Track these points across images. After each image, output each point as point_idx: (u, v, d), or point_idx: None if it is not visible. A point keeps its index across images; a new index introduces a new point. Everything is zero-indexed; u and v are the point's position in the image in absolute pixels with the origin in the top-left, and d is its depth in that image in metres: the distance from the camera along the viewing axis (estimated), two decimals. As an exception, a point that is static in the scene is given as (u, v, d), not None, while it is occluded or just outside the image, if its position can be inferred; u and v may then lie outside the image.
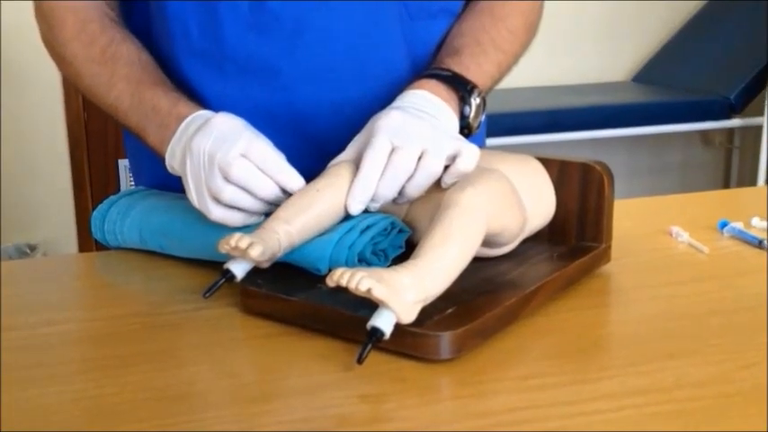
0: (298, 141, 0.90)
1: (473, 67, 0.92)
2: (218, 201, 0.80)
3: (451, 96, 0.88)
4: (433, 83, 0.88)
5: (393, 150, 0.78)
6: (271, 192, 0.80)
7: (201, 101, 0.91)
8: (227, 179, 0.79)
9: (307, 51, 0.93)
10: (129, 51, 0.94)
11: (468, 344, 0.66)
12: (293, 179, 0.80)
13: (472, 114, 0.88)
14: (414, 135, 0.78)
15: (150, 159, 0.92)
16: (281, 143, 0.83)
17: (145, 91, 0.90)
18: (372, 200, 0.78)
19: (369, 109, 0.86)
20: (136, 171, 1.10)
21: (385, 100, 0.87)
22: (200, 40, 0.93)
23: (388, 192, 0.78)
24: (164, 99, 0.89)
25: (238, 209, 0.81)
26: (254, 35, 0.92)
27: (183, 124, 0.85)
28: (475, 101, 0.88)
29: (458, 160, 0.77)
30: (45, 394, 0.62)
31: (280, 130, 0.87)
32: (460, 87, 0.89)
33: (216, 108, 0.88)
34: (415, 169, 0.77)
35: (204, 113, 0.87)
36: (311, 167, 0.82)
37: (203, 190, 0.80)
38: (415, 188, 0.78)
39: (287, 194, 0.80)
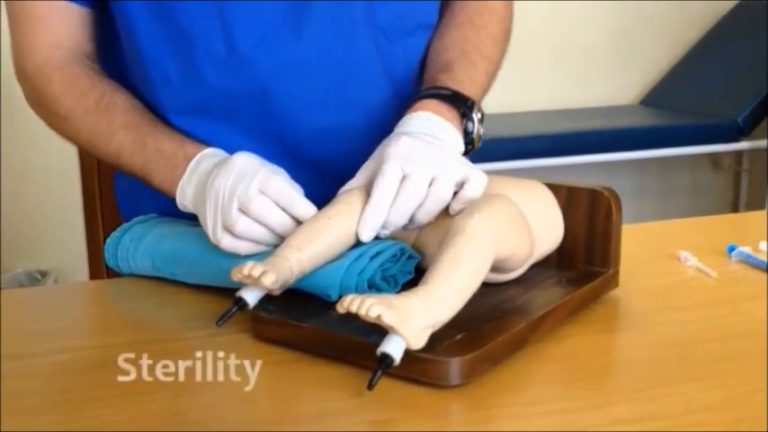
0: (291, 167, 0.91)
1: (467, 82, 0.93)
2: (230, 232, 0.81)
3: (454, 115, 0.89)
4: (434, 103, 0.89)
5: (404, 177, 0.78)
6: (286, 225, 0.81)
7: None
8: (244, 213, 0.80)
9: (286, 84, 0.94)
10: (122, 100, 0.95)
11: (477, 369, 0.66)
12: (305, 208, 0.81)
13: (475, 130, 0.90)
14: (423, 162, 0.79)
15: (151, 194, 0.93)
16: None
17: (146, 135, 0.92)
18: (383, 227, 0.79)
19: (355, 133, 0.87)
20: (133, 206, 1.07)
21: (369, 124, 0.87)
22: (180, 85, 0.94)
23: (399, 219, 0.79)
24: (167, 142, 0.90)
25: (248, 239, 0.82)
26: (232, 76, 0.93)
27: (193, 163, 0.87)
28: (476, 116, 0.90)
29: (466, 186, 0.78)
30: (60, 422, 0.63)
31: (276, 160, 0.88)
32: (461, 104, 0.90)
33: (211, 145, 0.90)
34: (425, 196, 0.78)
35: (212, 151, 0.88)
36: (308, 193, 0.83)
37: (218, 224, 0.82)
38: (426, 215, 0.79)
39: (299, 224, 0.81)
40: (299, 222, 0.81)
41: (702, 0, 3.36)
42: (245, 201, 0.80)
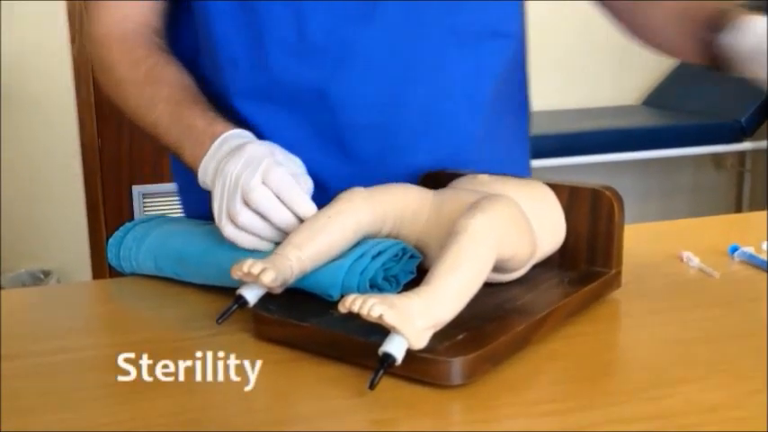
0: (345, 163, 0.91)
1: None
2: (234, 222, 0.82)
3: None
4: None
5: None
6: (286, 220, 0.81)
7: (251, 128, 0.93)
8: (246, 204, 0.80)
9: (351, 77, 0.94)
10: (171, 74, 0.96)
11: (479, 369, 0.66)
12: (305, 207, 0.81)
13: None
14: None
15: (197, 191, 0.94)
16: (328, 165, 0.84)
17: (183, 110, 0.93)
18: None
19: (409, 133, 0.87)
20: (185, 200, 1.13)
21: (425, 126, 0.88)
22: (247, 69, 0.95)
23: None
24: (200, 118, 0.91)
25: (250, 232, 0.82)
26: (299, 62, 0.94)
27: (217, 142, 0.88)
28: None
29: None
30: (57, 421, 0.63)
31: (327, 152, 0.89)
32: None
33: (266, 132, 0.90)
34: None
35: (238, 132, 0.89)
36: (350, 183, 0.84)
37: (223, 209, 0.82)
38: None
39: (301, 222, 0.81)
40: (300, 220, 0.81)
41: (706, 0, 3.35)
42: (247, 190, 0.80)
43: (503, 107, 1.05)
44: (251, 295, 0.74)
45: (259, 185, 0.80)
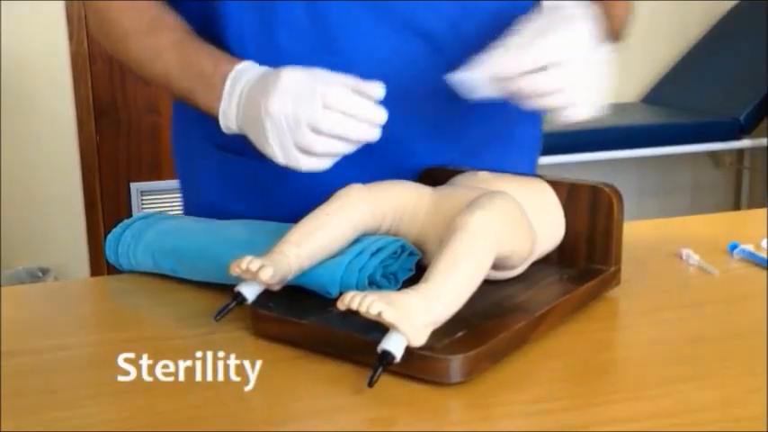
0: (352, 152, 0.90)
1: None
2: (308, 153, 0.81)
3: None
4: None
5: (551, 64, 0.80)
6: (362, 131, 0.80)
7: None
8: (318, 133, 0.79)
9: (360, 69, 0.93)
10: (174, 20, 0.95)
11: (478, 367, 0.66)
12: (378, 115, 0.80)
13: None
14: (577, 66, 0.81)
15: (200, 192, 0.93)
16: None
17: (190, 55, 0.92)
18: (488, 79, 0.81)
19: (421, 125, 0.88)
20: (187, 200, 1.11)
21: (436, 116, 0.89)
22: (255, 51, 0.93)
23: (523, 89, 0.81)
24: (205, 60, 0.90)
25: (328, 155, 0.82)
26: (310, 50, 0.93)
27: (229, 83, 0.86)
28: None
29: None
30: (56, 419, 0.63)
31: None
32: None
33: None
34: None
35: (246, 66, 0.87)
36: (372, 176, 0.84)
37: (291, 147, 0.81)
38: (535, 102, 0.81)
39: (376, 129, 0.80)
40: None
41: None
42: (315, 122, 0.79)
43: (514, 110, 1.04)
44: (249, 292, 0.74)
45: (324, 112, 0.79)
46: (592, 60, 0.82)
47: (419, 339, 0.64)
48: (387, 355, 0.63)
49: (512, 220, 0.76)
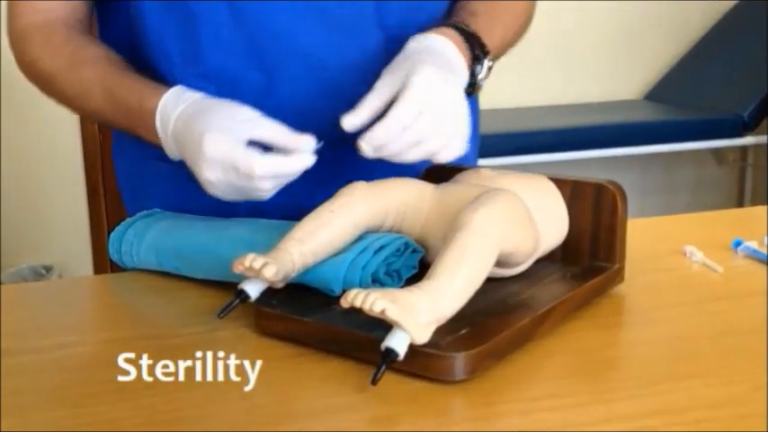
0: None
1: (485, 34, 0.93)
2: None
3: (467, 53, 0.90)
4: (455, 35, 0.89)
5: (422, 112, 0.79)
6: (296, 163, 0.80)
7: None
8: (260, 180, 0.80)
9: (287, 73, 0.93)
10: (93, 51, 0.94)
11: (482, 365, 0.66)
12: (306, 159, 0.80)
13: (481, 76, 0.90)
14: (443, 101, 0.81)
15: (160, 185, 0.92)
16: None
17: (115, 91, 0.90)
18: (379, 149, 0.80)
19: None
20: (139, 200, 1.08)
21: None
22: (182, 65, 0.93)
23: (398, 150, 0.80)
24: (130, 96, 0.89)
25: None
26: (235, 58, 0.92)
27: (159, 123, 0.86)
28: (488, 62, 0.90)
29: (443, 151, 0.81)
30: (61, 417, 0.63)
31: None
32: (476, 46, 0.90)
33: None
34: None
35: (168, 100, 0.86)
36: (309, 186, 0.84)
37: (239, 196, 0.82)
38: (417, 155, 0.81)
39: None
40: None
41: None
42: (251, 189, 0.80)
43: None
44: (252, 290, 0.74)
45: (258, 182, 0.79)
46: (449, 103, 0.82)
47: (423, 337, 0.64)
48: (390, 353, 0.63)
49: (515, 218, 0.76)
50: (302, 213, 0.79)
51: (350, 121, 0.81)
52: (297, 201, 0.87)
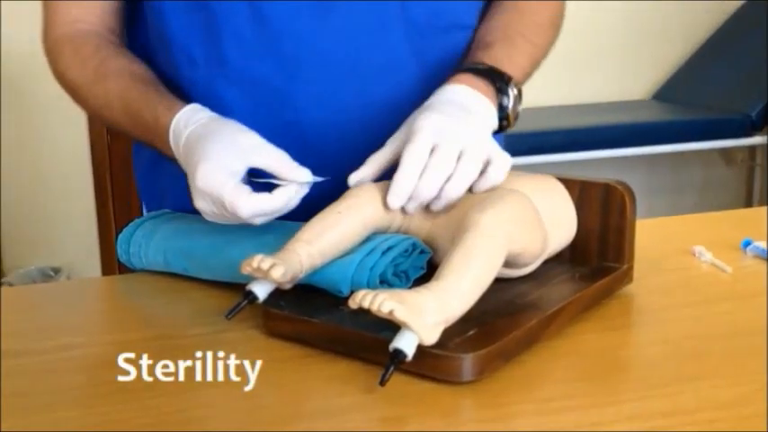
0: (306, 159, 0.90)
1: (506, 60, 0.93)
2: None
3: (489, 89, 0.89)
4: (469, 77, 0.89)
5: (433, 148, 0.78)
6: (287, 197, 0.80)
7: None
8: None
9: (309, 74, 0.93)
10: (118, 64, 0.94)
11: (490, 366, 0.66)
12: (300, 174, 0.80)
13: (510, 105, 0.89)
14: (453, 136, 0.79)
15: (172, 186, 0.92)
16: None
17: (133, 106, 0.91)
18: (411, 198, 0.78)
19: (376, 130, 0.87)
20: (156, 199, 1.10)
21: (392, 121, 0.86)
22: (205, 67, 0.94)
23: (429, 190, 0.78)
24: (146, 113, 0.89)
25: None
26: (256, 60, 0.92)
27: (172, 143, 0.86)
28: (512, 91, 0.89)
29: (489, 168, 0.79)
30: (68, 418, 0.63)
31: (289, 151, 0.87)
32: (497, 79, 0.89)
33: None
34: (454, 170, 0.78)
35: (179, 121, 0.86)
36: (325, 186, 0.83)
37: (232, 220, 0.81)
38: (454, 190, 0.79)
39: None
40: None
41: (715, -4, 3.35)
42: (240, 216, 0.78)
43: None
44: (260, 291, 0.74)
45: (245, 205, 0.78)
46: (464, 135, 0.80)
47: (431, 338, 0.64)
48: (398, 354, 0.63)
49: (523, 219, 0.76)
50: (313, 215, 0.79)
51: (356, 177, 0.82)
52: (309, 204, 0.86)
